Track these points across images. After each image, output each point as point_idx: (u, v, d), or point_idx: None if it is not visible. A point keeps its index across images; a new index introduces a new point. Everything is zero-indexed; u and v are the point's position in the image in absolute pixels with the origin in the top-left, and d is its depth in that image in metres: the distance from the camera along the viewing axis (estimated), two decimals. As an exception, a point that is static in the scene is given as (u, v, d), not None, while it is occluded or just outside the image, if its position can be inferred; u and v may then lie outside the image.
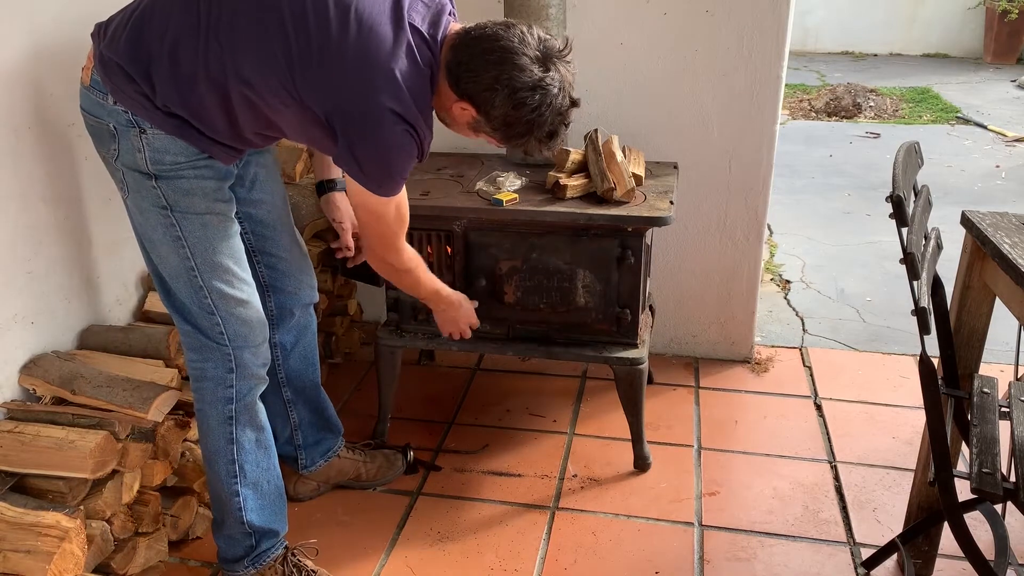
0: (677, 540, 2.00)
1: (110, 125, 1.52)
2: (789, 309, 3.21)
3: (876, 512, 2.08)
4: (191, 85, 1.46)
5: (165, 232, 1.58)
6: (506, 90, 1.46)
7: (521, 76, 1.46)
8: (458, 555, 1.96)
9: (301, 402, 2.04)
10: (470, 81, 1.48)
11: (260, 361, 1.72)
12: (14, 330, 1.74)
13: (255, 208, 1.81)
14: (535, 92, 1.47)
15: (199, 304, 1.62)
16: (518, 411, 2.53)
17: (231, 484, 1.74)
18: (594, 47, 2.47)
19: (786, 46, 2.40)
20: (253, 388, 1.73)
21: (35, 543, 1.42)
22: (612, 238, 2.04)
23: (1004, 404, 1.57)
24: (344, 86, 1.44)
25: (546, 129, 1.53)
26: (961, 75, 7.69)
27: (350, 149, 1.48)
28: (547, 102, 1.48)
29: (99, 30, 1.54)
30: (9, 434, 1.64)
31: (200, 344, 1.66)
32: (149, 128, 1.50)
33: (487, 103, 1.49)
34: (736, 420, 2.48)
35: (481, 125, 1.55)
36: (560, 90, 1.50)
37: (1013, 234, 1.53)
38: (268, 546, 1.80)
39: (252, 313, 1.67)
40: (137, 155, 1.52)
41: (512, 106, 1.47)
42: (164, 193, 1.55)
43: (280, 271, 1.89)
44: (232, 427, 1.71)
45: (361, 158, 1.49)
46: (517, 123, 1.51)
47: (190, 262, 1.59)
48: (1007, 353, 2.60)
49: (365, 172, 1.51)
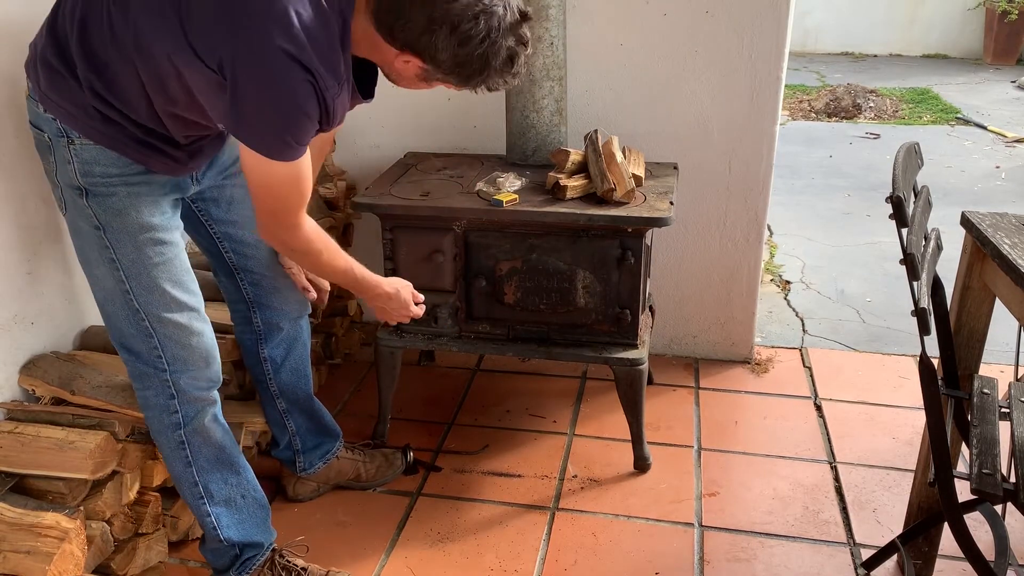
0: (677, 541, 2.00)
1: (45, 136, 1.47)
2: (789, 310, 3.21)
3: (876, 513, 2.08)
4: (104, 62, 1.38)
5: (100, 253, 1.51)
6: (446, 27, 1.31)
7: (455, 7, 1.30)
8: (458, 556, 1.96)
9: (296, 412, 2.03)
10: (403, 28, 1.33)
11: (203, 385, 1.65)
12: (14, 330, 1.74)
13: (233, 228, 1.76)
14: (478, 20, 1.31)
15: (136, 327, 1.56)
16: (518, 412, 2.53)
17: (200, 506, 1.72)
18: (594, 47, 2.47)
19: (786, 47, 2.40)
20: (199, 411, 1.66)
21: (35, 544, 1.42)
22: (612, 239, 2.04)
23: (1004, 405, 1.57)
24: (234, 26, 1.28)
25: (503, 56, 1.37)
26: (961, 76, 7.70)
27: (238, 104, 1.32)
28: (494, 25, 1.33)
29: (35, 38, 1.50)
30: (9, 435, 1.64)
31: (139, 372, 1.61)
32: (77, 138, 1.44)
33: (430, 48, 1.33)
34: (736, 421, 2.48)
35: (431, 74, 1.40)
36: (505, 7, 1.35)
37: (1013, 235, 1.53)
38: (252, 555, 1.79)
39: (193, 339, 1.60)
40: (68, 167, 1.46)
41: (457, 43, 1.32)
42: (95, 212, 1.49)
43: (264, 288, 1.85)
44: (186, 451, 1.67)
45: (248, 112, 1.33)
46: (469, 60, 1.35)
47: (125, 285, 1.53)
48: (1007, 354, 2.60)
49: (253, 130, 1.35)
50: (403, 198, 2.12)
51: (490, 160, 2.44)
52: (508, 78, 1.43)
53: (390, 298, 1.83)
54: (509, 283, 2.13)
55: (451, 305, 2.19)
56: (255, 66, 1.29)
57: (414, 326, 2.24)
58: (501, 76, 1.41)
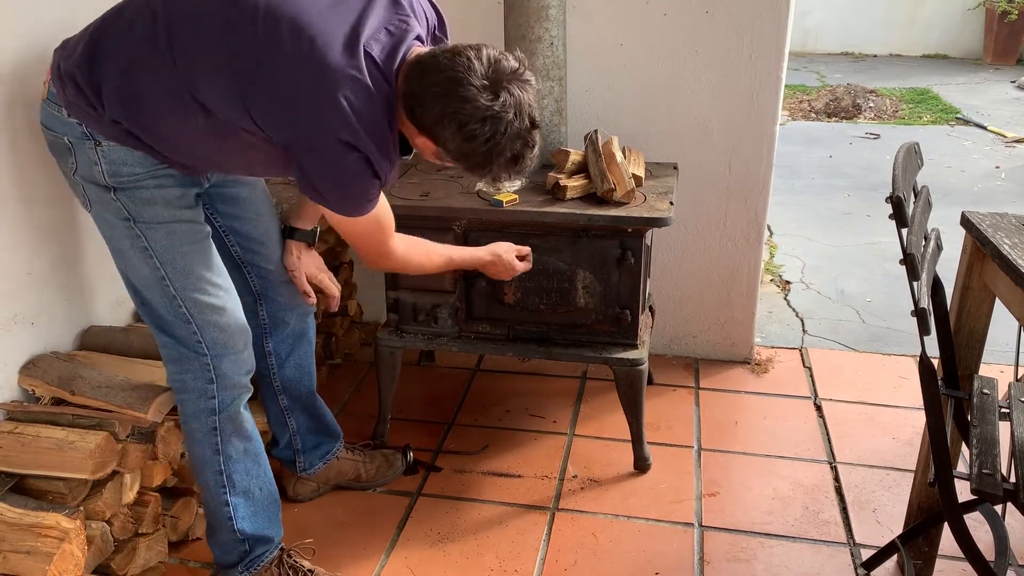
0: (677, 541, 2.00)
1: (66, 139, 1.50)
2: (789, 310, 3.21)
3: (876, 513, 2.08)
4: (147, 108, 1.45)
5: (132, 243, 1.56)
6: (453, 124, 1.40)
7: (466, 108, 1.39)
8: (458, 556, 1.96)
9: (298, 409, 2.04)
10: (421, 115, 1.43)
11: (243, 370, 1.69)
12: (14, 331, 1.74)
13: (240, 223, 1.79)
14: (485, 123, 1.40)
15: (174, 313, 1.60)
16: (518, 412, 2.53)
17: (220, 494, 1.73)
18: (594, 48, 2.47)
19: (786, 47, 2.40)
20: (236, 398, 1.70)
21: (35, 544, 1.42)
22: (612, 239, 2.04)
23: (1004, 405, 1.57)
24: (294, 117, 1.40)
25: (507, 155, 1.46)
26: (961, 76, 7.69)
27: (309, 179, 1.46)
28: (500, 130, 1.41)
29: (63, 44, 1.54)
30: (9, 435, 1.64)
31: (179, 355, 1.64)
32: (104, 140, 1.49)
33: (439, 137, 1.44)
34: (736, 421, 2.48)
35: (444, 156, 1.50)
36: (516, 114, 1.42)
37: (1013, 235, 1.53)
38: (262, 551, 1.79)
39: (229, 319, 1.65)
40: (94, 168, 1.51)
41: (463, 139, 1.42)
42: (125, 205, 1.53)
43: (271, 281, 1.88)
44: (217, 438, 1.69)
45: (320, 187, 1.47)
46: (473, 155, 1.45)
47: (160, 272, 1.57)
48: (1007, 354, 2.60)
49: (328, 200, 1.50)
50: (403, 198, 2.12)
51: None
52: (513, 174, 1.54)
53: (494, 264, 1.97)
54: (509, 283, 2.13)
55: (451, 305, 2.19)
56: (315, 155, 1.42)
57: (414, 326, 2.24)
58: (505, 171, 1.51)
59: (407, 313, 2.24)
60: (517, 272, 2.01)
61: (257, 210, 1.81)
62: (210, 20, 1.42)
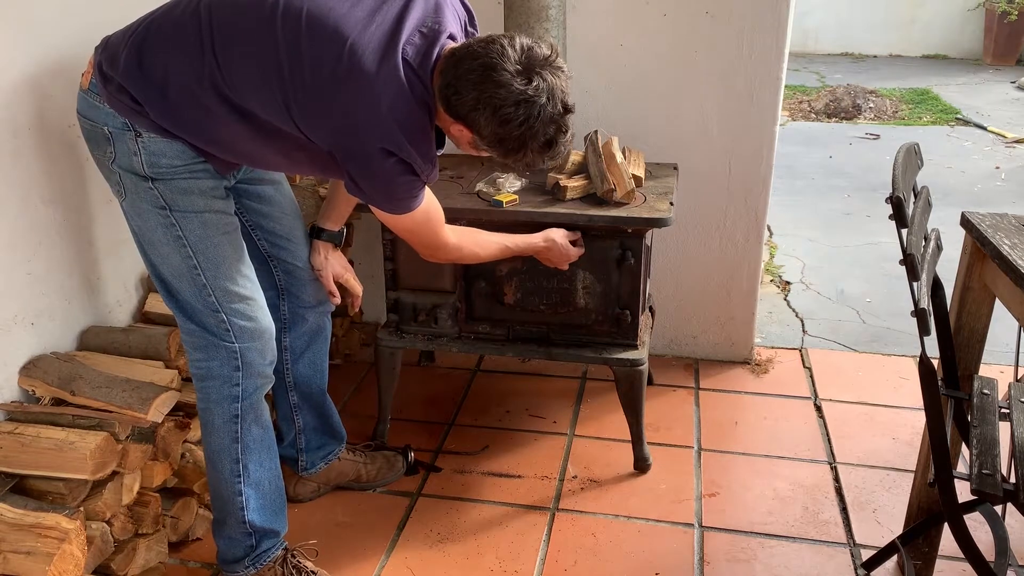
0: (677, 541, 2.00)
1: (105, 129, 1.53)
2: (789, 310, 3.21)
3: (876, 513, 2.08)
4: (190, 119, 1.50)
5: (166, 232, 1.59)
6: (488, 109, 1.44)
7: (500, 92, 1.42)
8: (458, 556, 1.96)
9: (307, 407, 2.05)
10: (457, 103, 1.46)
11: (267, 359, 1.72)
12: (14, 331, 1.74)
13: (266, 220, 1.84)
14: (519, 107, 1.43)
15: (203, 302, 1.63)
16: (518, 412, 2.53)
17: (235, 483, 1.74)
18: (594, 48, 2.47)
19: (786, 47, 2.40)
20: (259, 387, 1.73)
21: (35, 544, 1.42)
22: (612, 239, 2.04)
23: (1004, 405, 1.57)
24: (336, 126, 1.46)
25: (540, 140, 1.49)
26: (961, 76, 7.70)
27: (355, 181, 1.52)
28: (534, 113, 1.44)
29: (104, 43, 1.56)
30: (9, 435, 1.64)
31: (206, 343, 1.66)
32: (145, 132, 1.52)
33: (475, 123, 1.47)
34: (736, 421, 2.48)
35: (479, 143, 1.54)
36: (549, 98, 1.46)
37: (1013, 235, 1.53)
38: (268, 546, 1.80)
39: (257, 310, 1.68)
40: (133, 158, 1.54)
41: (498, 124, 1.45)
42: (162, 193, 1.56)
43: (298, 279, 1.92)
44: (237, 425, 1.71)
45: (366, 189, 1.53)
46: (508, 139, 1.48)
47: (192, 260, 1.60)
48: (1007, 354, 2.60)
49: (375, 200, 1.57)
50: (403, 198, 2.12)
51: (490, 160, 2.44)
52: (547, 158, 1.56)
53: (549, 250, 1.98)
54: (509, 284, 2.13)
55: (451, 305, 2.19)
56: (357, 162, 1.49)
57: (414, 326, 2.24)
58: (540, 156, 1.53)
59: (407, 313, 2.24)
60: (572, 259, 2.01)
61: (283, 208, 1.85)
62: (254, 29, 1.46)
